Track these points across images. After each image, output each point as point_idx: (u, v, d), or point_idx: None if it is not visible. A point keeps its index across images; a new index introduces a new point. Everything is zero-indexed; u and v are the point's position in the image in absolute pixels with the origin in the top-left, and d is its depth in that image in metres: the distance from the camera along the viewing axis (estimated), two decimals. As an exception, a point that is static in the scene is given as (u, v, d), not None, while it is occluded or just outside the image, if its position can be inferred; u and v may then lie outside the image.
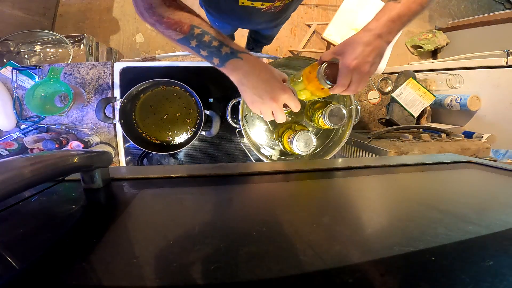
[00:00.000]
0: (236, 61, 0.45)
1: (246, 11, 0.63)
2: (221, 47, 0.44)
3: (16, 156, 0.20)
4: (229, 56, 0.45)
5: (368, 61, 0.46)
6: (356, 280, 0.16)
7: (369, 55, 0.46)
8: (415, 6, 0.47)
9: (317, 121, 0.66)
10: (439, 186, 0.37)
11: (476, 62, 1.05)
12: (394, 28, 0.47)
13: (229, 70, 0.46)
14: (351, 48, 0.47)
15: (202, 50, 0.44)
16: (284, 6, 0.63)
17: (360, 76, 0.47)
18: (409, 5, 0.47)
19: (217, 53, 0.44)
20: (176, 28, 0.43)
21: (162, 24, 0.43)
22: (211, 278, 0.16)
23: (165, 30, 0.43)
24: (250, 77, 0.46)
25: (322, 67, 0.51)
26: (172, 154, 0.84)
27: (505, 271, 0.17)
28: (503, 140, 0.88)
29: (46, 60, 1.14)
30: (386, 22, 0.47)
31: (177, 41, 0.44)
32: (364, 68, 0.46)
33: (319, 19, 1.88)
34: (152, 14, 0.42)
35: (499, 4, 2.14)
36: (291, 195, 0.33)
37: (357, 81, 0.47)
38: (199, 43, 0.44)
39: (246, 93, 0.48)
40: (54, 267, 0.17)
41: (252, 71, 0.46)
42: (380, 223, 0.26)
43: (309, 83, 0.55)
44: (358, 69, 0.46)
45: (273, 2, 0.60)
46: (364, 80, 0.48)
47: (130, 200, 0.28)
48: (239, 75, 0.46)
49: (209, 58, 0.45)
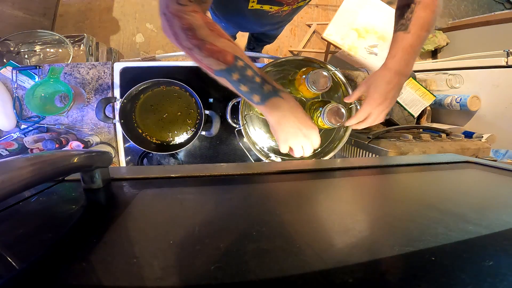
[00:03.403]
0: (277, 100, 0.44)
1: (254, 14, 0.63)
2: (263, 84, 0.42)
3: (16, 156, 0.20)
4: (272, 94, 0.43)
5: (388, 98, 0.51)
6: (356, 280, 0.16)
7: (390, 92, 0.51)
8: (423, 33, 0.50)
9: (316, 121, 0.66)
10: (439, 186, 0.37)
11: (476, 62, 1.05)
12: (410, 60, 0.50)
13: (268, 108, 0.45)
14: (374, 87, 0.52)
15: (243, 85, 0.41)
16: (291, 11, 0.64)
17: (379, 111, 0.52)
18: (418, 33, 0.49)
19: (259, 90, 0.42)
20: (219, 58, 0.38)
21: (203, 50, 0.37)
22: (211, 278, 0.16)
23: (205, 57, 0.38)
24: (289, 117, 0.47)
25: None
26: (172, 154, 0.84)
27: (505, 271, 0.17)
28: (503, 140, 0.88)
29: (46, 60, 1.14)
30: (402, 56, 0.50)
31: (216, 72, 0.40)
32: (384, 106, 0.52)
33: (319, 19, 1.88)
34: (192, 37, 0.37)
35: (499, 4, 2.14)
36: (291, 195, 0.33)
37: (376, 115, 0.53)
38: (242, 77, 0.40)
39: (283, 132, 0.48)
40: (54, 267, 0.17)
41: (291, 111, 0.47)
42: (380, 223, 0.26)
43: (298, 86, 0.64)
44: (379, 106, 0.51)
45: (281, 7, 0.60)
46: (383, 115, 0.54)
47: (130, 200, 0.28)
48: (278, 115, 0.46)
49: (249, 94, 0.42)
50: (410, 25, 0.49)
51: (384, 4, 1.22)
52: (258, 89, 0.42)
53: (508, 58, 0.94)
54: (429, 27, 0.49)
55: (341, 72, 0.69)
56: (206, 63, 0.39)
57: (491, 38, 1.58)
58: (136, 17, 1.71)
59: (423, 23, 0.49)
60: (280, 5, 0.59)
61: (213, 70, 0.40)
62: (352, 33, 1.21)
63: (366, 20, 1.21)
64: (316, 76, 0.60)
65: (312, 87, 0.60)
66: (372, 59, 1.21)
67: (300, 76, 0.64)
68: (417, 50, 0.50)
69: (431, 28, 0.50)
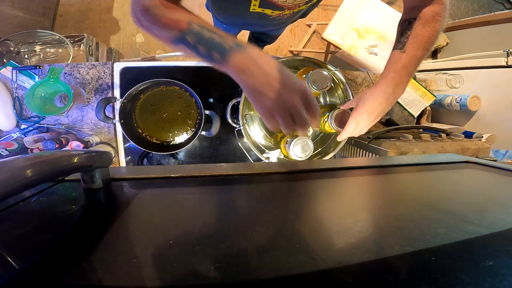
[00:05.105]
0: (242, 54, 0.38)
1: (255, 17, 0.63)
2: (223, 40, 0.38)
3: (16, 156, 0.20)
4: (234, 48, 0.38)
5: (372, 115, 0.53)
6: (356, 280, 0.16)
7: (376, 109, 0.52)
8: (420, 52, 0.50)
9: (323, 126, 0.66)
10: (439, 186, 0.37)
11: (476, 62, 1.05)
12: (402, 80, 0.51)
13: (232, 66, 0.38)
14: (362, 102, 0.53)
15: (201, 46, 0.38)
16: (292, 14, 0.63)
17: (363, 125, 0.54)
18: (414, 53, 0.50)
19: (218, 47, 0.38)
20: (172, 26, 0.38)
21: (157, 24, 0.38)
22: (211, 278, 0.16)
23: (161, 30, 0.39)
24: (259, 64, 0.38)
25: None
26: (172, 154, 0.84)
27: (505, 271, 0.17)
28: (503, 140, 0.88)
29: (46, 60, 1.14)
30: (394, 77, 0.51)
31: (172, 42, 0.39)
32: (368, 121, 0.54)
33: (319, 19, 1.87)
34: (147, 16, 0.39)
35: (499, 4, 2.14)
36: (291, 195, 0.33)
37: (360, 128, 0.55)
38: (198, 39, 0.38)
39: (257, 93, 0.38)
40: (54, 267, 0.17)
41: (261, 59, 0.38)
42: (380, 223, 0.26)
43: None
44: (364, 121, 0.53)
45: (282, 11, 0.60)
46: (366, 129, 0.56)
47: (130, 200, 0.28)
48: (245, 72, 0.38)
49: (208, 54, 0.38)
50: (407, 43, 0.50)
51: (384, 4, 1.22)
52: (217, 46, 0.38)
53: (508, 58, 0.94)
54: (427, 45, 0.49)
55: (341, 72, 0.69)
56: (163, 35, 0.39)
57: (491, 38, 1.58)
58: (136, 17, 1.71)
59: (420, 42, 0.49)
60: (281, 9, 0.59)
61: (170, 40, 0.39)
62: (352, 33, 1.21)
63: (366, 20, 1.21)
64: (316, 76, 0.60)
65: (312, 86, 0.60)
66: (372, 59, 1.21)
67: (300, 76, 0.64)
68: (412, 70, 0.51)
69: (430, 47, 0.50)
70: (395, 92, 0.51)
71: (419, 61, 0.50)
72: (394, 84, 0.50)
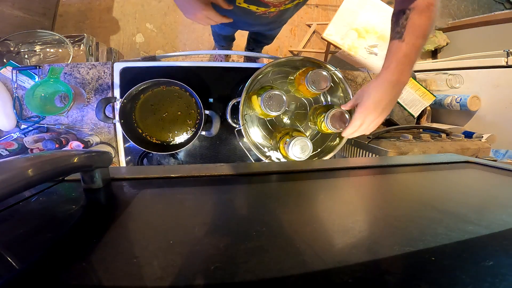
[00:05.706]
0: None
1: (242, 12, 0.63)
2: None
3: (16, 156, 0.20)
4: None
5: (379, 106, 0.51)
6: (356, 280, 0.16)
7: (382, 100, 0.51)
8: (419, 42, 0.49)
9: (320, 126, 0.66)
10: (439, 186, 0.37)
11: (476, 62, 1.05)
12: (405, 69, 0.50)
13: None
14: (367, 95, 0.52)
15: None
16: (279, 13, 0.63)
17: (371, 119, 0.52)
18: (413, 42, 0.49)
19: None
20: None
21: None
22: (211, 278, 0.16)
23: None
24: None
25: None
26: (172, 154, 0.84)
27: (505, 271, 0.17)
28: (503, 140, 0.88)
29: (46, 60, 1.14)
30: (396, 67, 0.50)
31: None
32: (376, 114, 0.51)
33: (319, 19, 1.87)
34: None
35: (499, 4, 2.14)
36: (291, 195, 0.33)
37: (368, 123, 0.53)
38: None
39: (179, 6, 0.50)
40: (54, 267, 0.17)
41: None
42: (380, 223, 0.26)
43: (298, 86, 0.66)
44: (371, 114, 0.51)
45: (267, 8, 0.60)
46: (375, 123, 0.53)
47: (130, 200, 0.28)
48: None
49: None
50: (405, 33, 0.49)
51: (384, 4, 1.22)
52: None
53: (508, 58, 0.94)
54: (425, 34, 0.49)
55: (341, 72, 0.69)
56: None
57: (491, 38, 1.58)
58: (136, 17, 1.71)
59: (418, 31, 0.49)
60: (266, 6, 0.59)
61: None
62: (352, 33, 1.21)
63: (366, 20, 1.21)
64: (316, 76, 0.60)
65: (311, 87, 0.60)
66: (372, 59, 1.21)
67: (300, 76, 0.64)
68: (413, 58, 0.50)
69: (428, 35, 0.50)
70: (400, 81, 0.50)
71: (419, 50, 0.50)
72: (398, 73, 0.50)
